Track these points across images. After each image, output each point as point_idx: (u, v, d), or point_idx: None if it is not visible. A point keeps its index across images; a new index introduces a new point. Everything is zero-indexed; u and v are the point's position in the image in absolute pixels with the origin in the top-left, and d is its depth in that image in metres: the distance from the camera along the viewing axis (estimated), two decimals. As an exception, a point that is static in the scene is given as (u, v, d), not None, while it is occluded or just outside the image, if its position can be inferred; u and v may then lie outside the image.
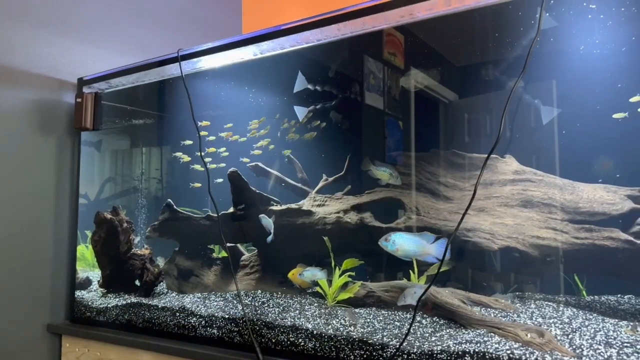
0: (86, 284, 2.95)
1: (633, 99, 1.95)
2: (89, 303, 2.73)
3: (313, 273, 2.37)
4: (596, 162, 2.20)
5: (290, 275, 2.37)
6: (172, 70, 2.67)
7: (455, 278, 2.24)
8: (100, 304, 2.69)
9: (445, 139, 2.53)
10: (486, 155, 1.69)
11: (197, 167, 3.01)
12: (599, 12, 2.06)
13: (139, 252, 2.79)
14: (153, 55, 2.73)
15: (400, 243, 1.98)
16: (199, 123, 2.57)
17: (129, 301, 2.62)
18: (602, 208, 2.02)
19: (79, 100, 2.82)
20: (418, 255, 1.96)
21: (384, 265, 2.48)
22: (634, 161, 2.14)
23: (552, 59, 2.27)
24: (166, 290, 2.82)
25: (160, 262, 2.90)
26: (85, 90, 2.84)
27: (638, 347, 1.56)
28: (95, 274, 3.06)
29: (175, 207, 2.84)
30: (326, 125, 2.81)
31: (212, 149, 2.96)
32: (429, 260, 1.93)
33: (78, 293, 2.84)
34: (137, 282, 2.79)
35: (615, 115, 1.99)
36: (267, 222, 2.53)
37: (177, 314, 2.39)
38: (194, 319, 2.33)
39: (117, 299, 2.72)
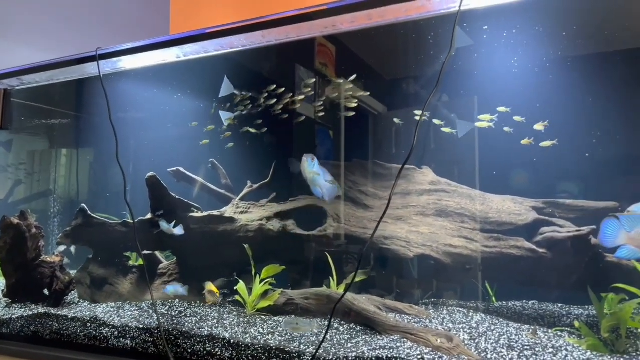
0: (-11, 293, 2.75)
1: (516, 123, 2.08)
2: (-9, 314, 2.54)
3: (175, 289, 2.42)
4: (506, 175, 2.33)
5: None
6: (91, 70, 2.55)
7: (373, 285, 2.29)
8: (4, 315, 2.51)
9: (368, 150, 2.60)
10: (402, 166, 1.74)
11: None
12: (512, 33, 2.20)
13: (48, 259, 2.63)
14: (73, 53, 2.60)
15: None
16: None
17: (36, 312, 2.45)
18: (510, 218, 2.14)
19: (-15, 96, 2.64)
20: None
21: (306, 273, 2.49)
22: (539, 175, 2.30)
23: (470, 76, 2.39)
24: (77, 299, 2.68)
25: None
26: (-7, 86, 2.67)
27: (537, 349, 1.66)
28: None
29: (89, 212, 2.71)
30: (255, 132, 2.80)
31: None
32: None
33: (-21, 303, 2.64)
34: (46, 291, 2.63)
35: (523, 142, 2.13)
36: (167, 227, 2.49)
37: (89, 324, 2.27)
38: (107, 329, 2.22)
39: (23, 310, 2.54)
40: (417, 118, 1.71)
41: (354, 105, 2.54)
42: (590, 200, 2.12)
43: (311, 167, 2.03)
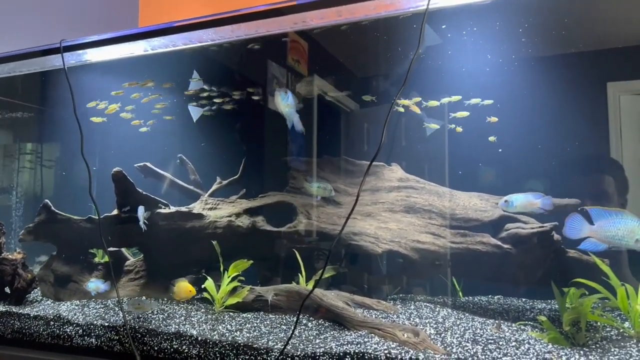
0: (-55, 292, 2.65)
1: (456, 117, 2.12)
2: (-52, 313, 2.45)
3: (97, 285, 2.43)
4: (474, 173, 2.37)
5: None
6: (55, 62, 2.49)
7: (342, 281, 2.30)
8: (-38, 314, 2.43)
9: (340, 146, 2.60)
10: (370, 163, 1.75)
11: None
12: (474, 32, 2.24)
13: (9, 256, 2.56)
14: (36, 44, 2.53)
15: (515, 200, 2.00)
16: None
17: (-4, 310, 2.39)
18: (476, 215, 2.18)
19: (-58, 87, 2.54)
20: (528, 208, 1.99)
21: (276, 270, 2.49)
22: (505, 172, 2.35)
23: (438, 74, 2.42)
24: (40, 297, 2.61)
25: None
26: (-50, 77, 2.57)
27: (500, 343, 1.69)
28: (-42, 281, 2.76)
29: (53, 208, 2.64)
30: (225, 127, 2.78)
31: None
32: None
33: None
34: (7, 289, 2.55)
35: (490, 139, 2.16)
36: (143, 213, 2.47)
37: (52, 323, 2.22)
38: (71, 327, 2.17)
39: (-17, 309, 2.47)
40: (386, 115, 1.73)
41: (325, 100, 2.54)
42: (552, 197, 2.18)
43: (285, 101, 2.04)
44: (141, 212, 2.40)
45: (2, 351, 2.23)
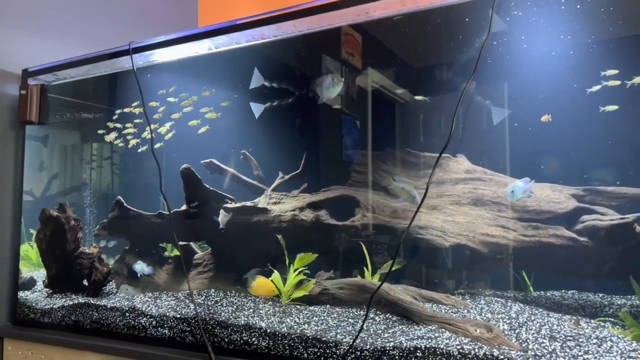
0: (30, 284, 2.82)
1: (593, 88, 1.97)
2: (33, 304, 2.61)
3: (142, 267, 2.58)
4: (544, 163, 2.27)
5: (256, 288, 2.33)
6: (123, 63, 2.58)
7: (408, 275, 2.27)
8: (45, 304, 2.59)
9: (400, 139, 2.56)
10: (438, 155, 1.71)
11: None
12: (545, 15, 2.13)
13: (87, 250, 2.69)
14: (104, 47, 2.64)
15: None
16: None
17: (76, 301, 2.52)
18: (549, 206, 2.10)
19: (23, 92, 2.69)
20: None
21: (339, 264, 2.49)
22: (578, 162, 2.23)
23: (503, 61, 2.33)
24: (115, 289, 2.73)
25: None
26: (31, 82, 2.72)
27: (580, 340, 1.62)
28: (40, 274, 2.93)
29: (125, 204, 2.75)
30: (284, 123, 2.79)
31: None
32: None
33: (21, 294, 2.72)
34: (85, 282, 2.69)
35: (607, 108, 1.96)
36: (140, 267, 2.64)
37: (127, 314, 2.32)
38: (145, 319, 2.26)
39: (64, 300, 2.61)
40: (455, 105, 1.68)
41: (382, 93, 2.51)
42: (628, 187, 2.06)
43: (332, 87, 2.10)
44: (222, 215, 2.47)
45: (81, 340, 2.36)
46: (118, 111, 2.98)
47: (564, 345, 1.59)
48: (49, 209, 2.69)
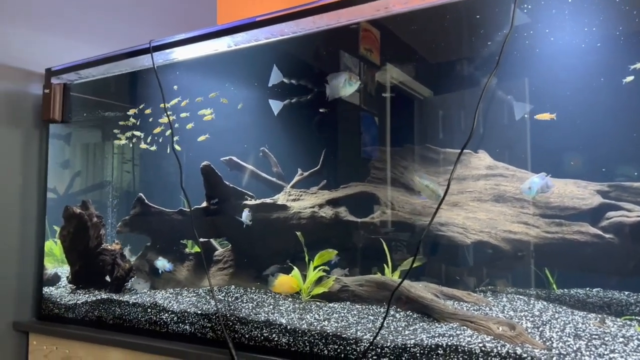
0: (54, 280, 2.87)
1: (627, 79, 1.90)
2: (58, 300, 2.66)
3: (164, 263, 2.63)
4: (567, 158, 2.23)
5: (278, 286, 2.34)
6: (143, 62, 2.60)
7: (428, 272, 2.25)
8: (69, 300, 2.63)
9: (419, 134, 2.54)
10: (459, 150, 1.69)
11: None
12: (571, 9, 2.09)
13: (109, 247, 2.73)
14: (124, 46, 2.66)
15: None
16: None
17: (99, 297, 2.56)
18: (572, 203, 2.06)
19: (46, 91, 2.74)
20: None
21: (358, 260, 2.48)
22: (603, 158, 2.18)
23: (525, 56, 2.29)
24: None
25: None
26: (54, 81, 2.76)
27: (606, 339, 1.59)
28: (64, 270, 2.98)
29: (146, 201, 2.78)
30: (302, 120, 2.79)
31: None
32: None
33: (46, 289, 2.77)
34: (108, 278, 2.73)
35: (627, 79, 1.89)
36: (161, 263, 2.69)
37: (149, 310, 2.35)
38: (166, 315, 2.29)
39: (87, 295, 2.65)
40: (476, 101, 1.66)
41: (400, 89, 2.49)
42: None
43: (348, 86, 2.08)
44: (245, 214, 2.50)
45: (104, 335, 2.39)
46: (147, 111, 3.00)
47: (589, 344, 1.56)
48: (72, 206, 2.74)
